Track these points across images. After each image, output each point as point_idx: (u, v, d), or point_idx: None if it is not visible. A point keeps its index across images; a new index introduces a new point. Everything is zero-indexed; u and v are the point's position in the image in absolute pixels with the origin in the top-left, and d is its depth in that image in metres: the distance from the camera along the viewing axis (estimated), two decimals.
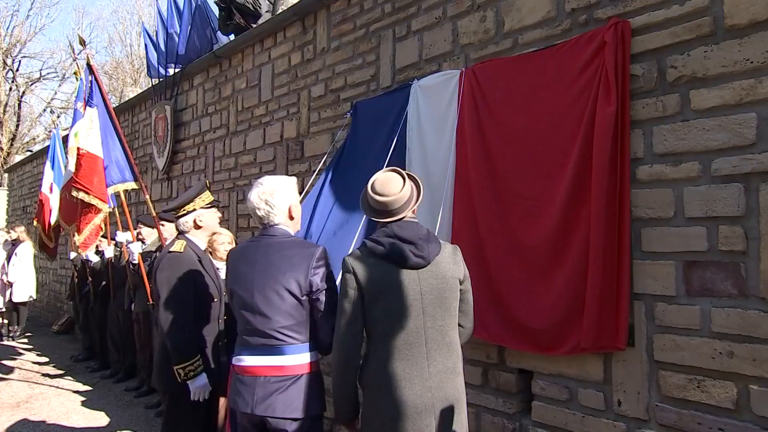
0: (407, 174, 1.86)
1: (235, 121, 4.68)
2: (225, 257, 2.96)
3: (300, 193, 3.43)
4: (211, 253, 3.16)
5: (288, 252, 1.93)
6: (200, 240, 2.68)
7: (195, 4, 5.60)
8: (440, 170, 2.73)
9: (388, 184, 1.81)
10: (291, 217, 2.02)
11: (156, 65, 6.05)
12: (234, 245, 3.24)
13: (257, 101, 4.41)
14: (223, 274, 2.38)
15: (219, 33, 5.63)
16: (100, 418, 4.21)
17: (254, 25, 5.02)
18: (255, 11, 5.32)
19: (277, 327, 1.87)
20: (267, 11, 5.32)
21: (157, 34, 6.18)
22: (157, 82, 6.05)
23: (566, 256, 2.22)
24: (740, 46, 1.88)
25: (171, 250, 2.56)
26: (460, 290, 1.83)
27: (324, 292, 1.91)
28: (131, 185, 4.14)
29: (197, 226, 2.65)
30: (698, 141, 1.97)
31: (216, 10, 5.61)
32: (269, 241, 1.97)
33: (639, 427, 2.09)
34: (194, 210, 2.63)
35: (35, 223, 5.93)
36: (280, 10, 4.64)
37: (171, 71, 5.77)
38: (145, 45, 6.44)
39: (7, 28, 18.70)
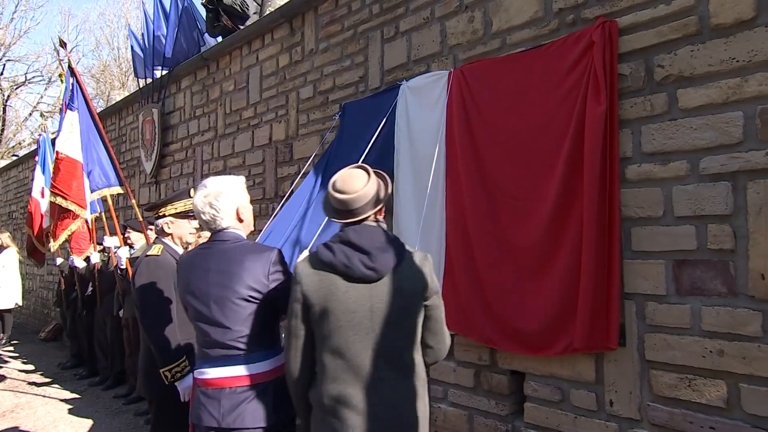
0: (375, 172, 1.69)
1: (224, 124, 4.64)
2: None
3: (284, 196, 3.41)
4: None
5: (242, 258, 1.83)
6: (177, 246, 2.62)
7: (182, 5, 5.55)
8: (428, 171, 2.72)
9: (350, 180, 1.62)
10: (240, 219, 1.92)
11: (143, 67, 5.99)
12: None
13: (245, 103, 4.37)
14: None
15: (206, 35, 5.58)
16: (89, 427, 4.14)
17: (241, 27, 4.98)
18: (242, 12, 5.28)
19: (237, 337, 1.79)
20: (254, 13, 5.29)
21: (143, 36, 6.11)
22: (144, 85, 5.99)
23: (557, 257, 2.22)
24: (726, 45, 1.88)
25: (148, 254, 2.52)
26: (426, 306, 1.62)
27: (283, 295, 1.82)
28: (117, 190, 4.08)
29: (164, 233, 2.58)
30: (686, 140, 1.97)
31: (203, 11, 5.57)
32: (221, 248, 1.87)
33: (631, 427, 2.09)
34: (164, 216, 2.57)
35: (26, 228, 5.81)
36: (268, 12, 4.61)
37: (158, 74, 5.71)
38: (132, 47, 6.37)
39: None
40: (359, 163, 1.81)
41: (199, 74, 5.02)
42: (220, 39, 5.22)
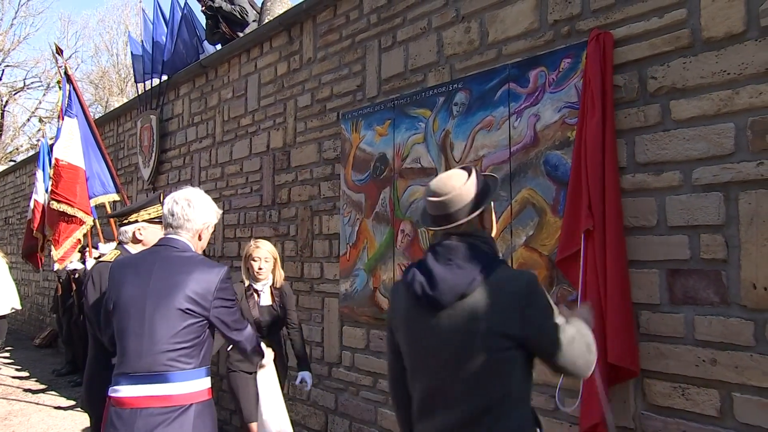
0: (485, 174, 1.47)
1: (222, 131, 4.66)
2: (261, 276, 2.90)
3: (281, 203, 3.40)
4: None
5: (191, 269, 1.76)
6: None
7: (181, 13, 5.59)
8: None
9: (447, 180, 1.39)
10: (199, 237, 1.89)
11: (142, 73, 6.01)
12: (274, 260, 2.97)
13: (243, 111, 4.39)
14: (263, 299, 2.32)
15: (205, 42, 5.62)
16: None
17: (240, 35, 5.02)
18: (242, 20, 5.32)
19: (164, 350, 1.69)
20: (254, 21, 5.33)
21: (143, 43, 6.15)
22: (142, 92, 6.01)
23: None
24: (717, 58, 1.91)
25: (102, 259, 2.47)
26: (510, 348, 1.25)
27: (228, 312, 1.82)
28: (113, 197, 4.10)
29: (136, 240, 2.53)
30: (679, 151, 2.00)
31: (202, 19, 5.61)
32: (168, 254, 1.80)
33: None
34: (136, 221, 2.52)
35: (34, 231, 5.73)
36: (266, 20, 4.65)
37: (157, 80, 5.74)
38: (132, 53, 6.40)
39: None
40: None
41: (198, 81, 5.04)
42: (219, 46, 5.26)
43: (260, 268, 2.91)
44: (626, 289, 2.02)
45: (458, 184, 1.37)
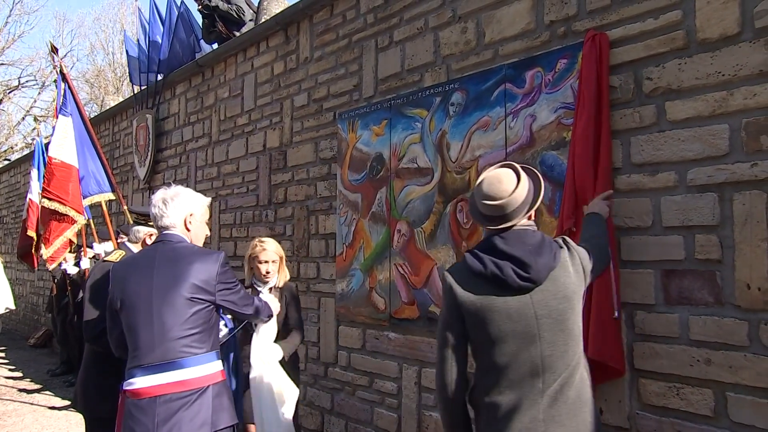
0: (524, 168, 1.57)
1: (218, 131, 4.65)
2: (269, 279, 2.66)
3: (277, 203, 3.40)
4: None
5: (190, 258, 1.83)
6: None
7: (177, 11, 5.57)
8: None
9: (497, 184, 1.50)
10: (187, 228, 1.94)
11: (138, 72, 5.99)
12: (280, 259, 2.73)
13: (240, 110, 4.38)
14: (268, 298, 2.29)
15: (202, 41, 5.60)
16: None
17: (237, 34, 5.01)
18: (238, 19, 5.31)
19: (178, 338, 1.75)
20: (250, 20, 5.32)
21: (139, 41, 6.12)
22: (138, 90, 5.99)
23: None
24: (712, 59, 1.92)
25: (106, 259, 2.47)
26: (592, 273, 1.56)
27: (232, 292, 1.89)
28: (109, 196, 4.07)
29: (144, 243, 2.54)
30: (674, 151, 2.00)
31: (199, 18, 5.59)
32: (165, 248, 1.88)
33: None
34: (152, 225, 2.49)
35: (29, 231, 5.70)
36: (263, 20, 4.64)
37: (153, 79, 5.72)
38: (127, 52, 6.38)
39: None
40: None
41: (194, 80, 5.03)
42: (215, 45, 5.24)
43: (268, 272, 2.63)
44: (609, 287, 2.02)
45: (510, 188, 1.50)
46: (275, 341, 2.47)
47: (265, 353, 2.40)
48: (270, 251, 2.65)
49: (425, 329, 2.85)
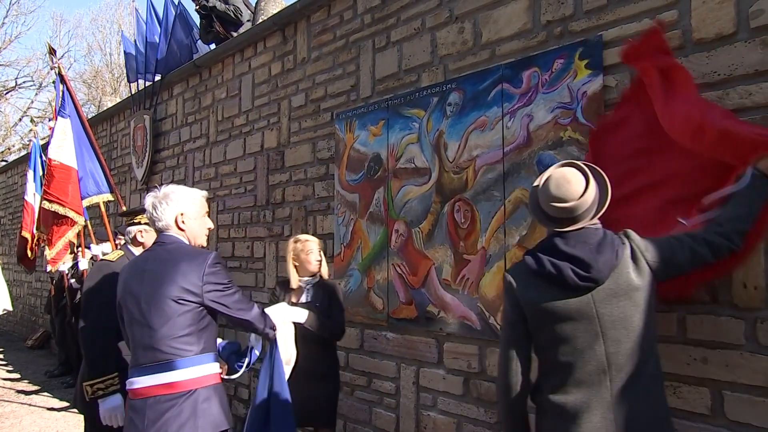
0: (589, 168, 1.52)
1: (215, 131, 4.64)
2: (314, 269, 2.66)
3: (275, 204, 3.40)
4: (297, 267, 2.69)
5: (177, 259, 1.83)
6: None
7: (175, 12, 5.57)
8: None
9: (566, 185, 1.47)
10: (180, 228, 1.93)
11: (135, 73, 5.99)
12: (318, 254, 2.71)
13: (237, 111, 4.38)
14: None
15: (199, 42, 5.60)
16: None
17: (234, 34, 5.01)
18: (236, 19, 5.31)
19: (166, 339, 1.75)
20: (248, 20, 5.32)
21: (136, 42, 6.12)
22: (136, 91, 5.98)
23: None
24: (708, 58, 1.93)
25: (104, 258, 2.49)
26: (660, 268, 1.48)
27: (223, 294, 1.84)
28: (107, 197, 4.07)
29: (137, 242, 2.55)
30: None
31: (196, 18, 5.59)
32: (159, 250, 1.90)
33: None
34: (140, 223, 2.55)
35: (23, 232, 5.70)
36: (261, 20, 4.64)
37: (151, 80, 5.71)
38: (125, 52, 6.37)
39: None
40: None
41: (192, 81, 5.03)
42: (213, 46, 5.24)
43: (318, 260, 2.67)
44: None
45: (581, 189, 1.47)
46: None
47: (286, 312, 2.28)
48: (312, 241, 2.71)
49: (423, 329, 2.85)
